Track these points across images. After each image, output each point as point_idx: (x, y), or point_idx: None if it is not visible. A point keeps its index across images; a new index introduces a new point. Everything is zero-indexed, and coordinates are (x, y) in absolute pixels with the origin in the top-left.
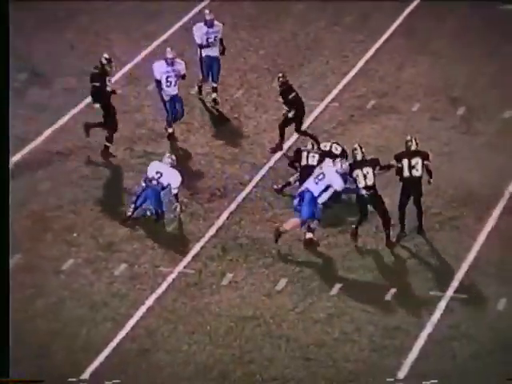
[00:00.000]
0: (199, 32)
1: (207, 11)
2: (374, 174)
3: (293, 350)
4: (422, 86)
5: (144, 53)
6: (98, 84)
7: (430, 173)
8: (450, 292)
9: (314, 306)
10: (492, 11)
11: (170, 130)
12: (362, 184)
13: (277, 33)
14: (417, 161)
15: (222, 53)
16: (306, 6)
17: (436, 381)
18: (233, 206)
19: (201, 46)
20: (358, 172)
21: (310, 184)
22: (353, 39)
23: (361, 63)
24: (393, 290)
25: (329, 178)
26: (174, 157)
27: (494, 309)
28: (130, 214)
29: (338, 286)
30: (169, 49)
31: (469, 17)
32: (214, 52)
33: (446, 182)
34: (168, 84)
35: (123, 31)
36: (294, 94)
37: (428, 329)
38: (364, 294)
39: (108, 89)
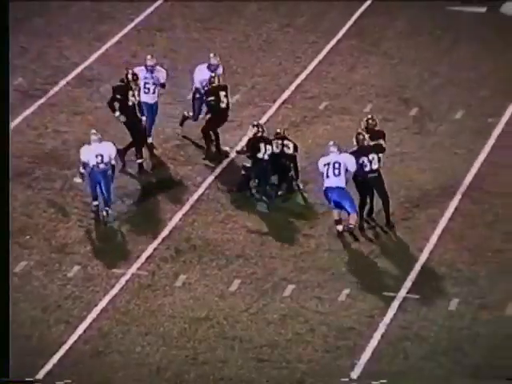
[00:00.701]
0: (200, 76)
1: (212, 54)
2: (379, 158)
3: (246, 351)
4: (373, 86)
5: (96, 54)
6: (119, 96)
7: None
8: (402, 292)
9: (268, 307)
10: (442, 12)
11: (149, 140)
12: (368, 168)
13: (229, 34)
14: (373, 156)
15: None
16: (258, 7)
17: (385, 381)
18: (186, 208)
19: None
20: (363, 158)
21: (332, 180)
22: (305, 40)
23: (313, 64)
24: (346, 291)
25: (344, 163)
26: (95, 131)
27: (446, 309)
28: (105, 212)
29: (291, 286)
30: (149, 56)
31: (419, 17)
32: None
33: (398, 182)
34: (146, 91)
35: (75, 33)
36: (212, 98)
37: (381, 329)
38: (317, 295)
39: (130, 103)
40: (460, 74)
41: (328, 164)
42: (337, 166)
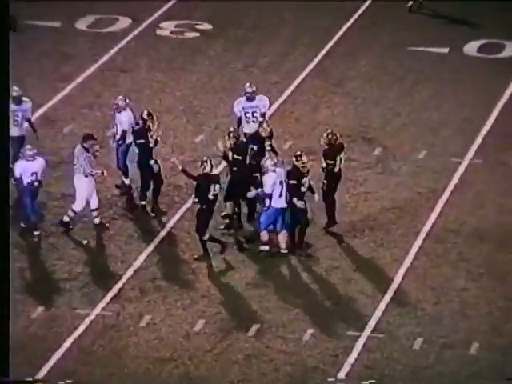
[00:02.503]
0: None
1: (248, 84)
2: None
3: None
4: (337, 126)
5: (59, 95)
6: (143, 141)
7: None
8: (367, 332)
9: (232, 347)
10: (404, 52)
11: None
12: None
13: (193, 74)
14: (305, 180)
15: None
16: (222, 47)
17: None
18: (150, 248)
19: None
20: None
21: (278, 202)
22: (268, 80)
23: (276, 104)
24: (310, 331)
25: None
26: (29, 146)
27: (410, 348)
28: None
29: (255, 326)
30: (120, 97)
31: (382, 58)
32: None
33: (361, 222)
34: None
35: (38, 74)
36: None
37: (345, 368)
38: (282, 335)
39: (151, 144)
40: (423, 114)
41: (275, 184)
42: (279, 185)
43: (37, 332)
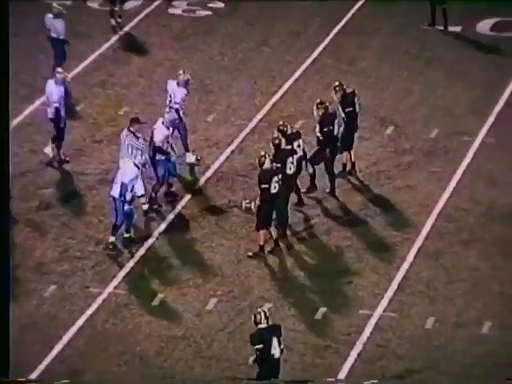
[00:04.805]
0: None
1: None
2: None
3: (223, 370)
4: None
5: (72, 73)
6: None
7: None
8: (379, 310)
9: (245, 325)
10: (416, 31)
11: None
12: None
13: (205, 53)
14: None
15: None
16: (234, 26)
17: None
18: (162, 226)
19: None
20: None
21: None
22: (281, 59)
23: (289, 83)
24: (323, 309)
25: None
26: None
27: (422, 327)
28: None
29: (268, 305)
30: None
31: (395, 36)
32: None
33: (374, 201)
34: None
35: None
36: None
37: (358, 347)
38: (294, 313)
39: None
40: (435, 92)
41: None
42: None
43: (50, 310)
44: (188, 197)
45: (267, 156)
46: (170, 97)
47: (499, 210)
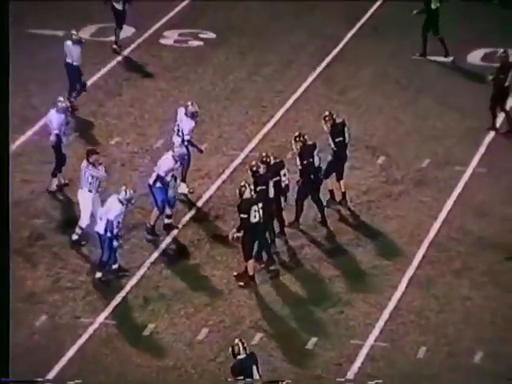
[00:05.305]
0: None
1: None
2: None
3: None
4: None
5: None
6: None
7: None
8: (370, 340)
9: None
10: (407, 61)
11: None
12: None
13: (196, 83)
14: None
15: None
16: (225, 56)
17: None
18: (154, 256)
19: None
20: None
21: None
22: (272, 89)
23: (280, 113)
24: (314, 339)
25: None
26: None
27: (414, 357)
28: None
29: (259, 335)
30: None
31: (386, 66)
32: None
33: (364, 230)
34: None
35: (42, 82)
36: None
37: (349, 377)
38: (285, 344)
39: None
40: (426, 122)
41: None
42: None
43: (40, 340)
44: (179, 227)
45: (247, 186)
46: (178, 126)
47: (491, 240)
